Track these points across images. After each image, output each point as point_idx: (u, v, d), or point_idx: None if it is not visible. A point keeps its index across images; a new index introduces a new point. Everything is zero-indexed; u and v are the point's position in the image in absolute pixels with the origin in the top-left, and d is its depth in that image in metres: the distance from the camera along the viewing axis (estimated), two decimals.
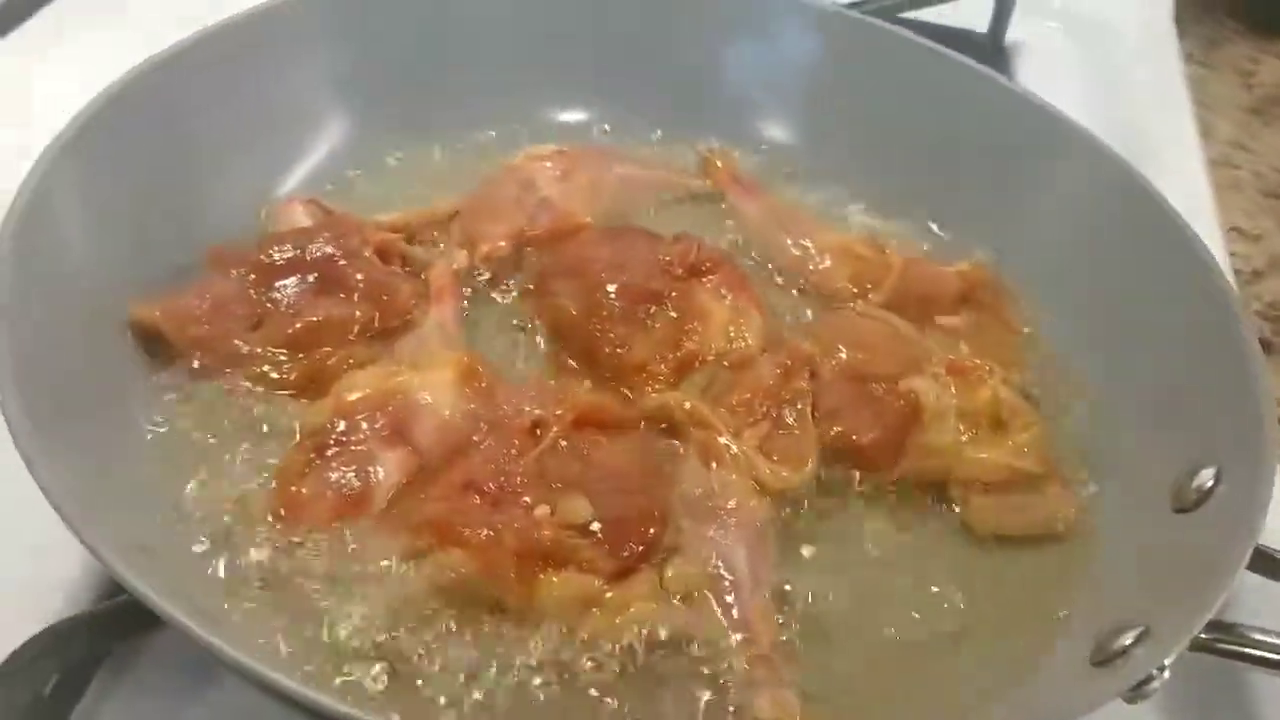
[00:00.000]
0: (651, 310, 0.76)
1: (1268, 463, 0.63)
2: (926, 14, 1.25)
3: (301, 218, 0.83)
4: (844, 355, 0.75)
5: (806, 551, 0.69)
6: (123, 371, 0.70)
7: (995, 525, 0.72)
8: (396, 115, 0.93)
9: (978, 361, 0.76)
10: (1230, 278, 1.08)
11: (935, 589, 0.69)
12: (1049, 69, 1.31)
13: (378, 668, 0.60)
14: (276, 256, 0.77)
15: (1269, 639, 0.58)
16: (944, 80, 0.92)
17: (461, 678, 0.59)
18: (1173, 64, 1.34)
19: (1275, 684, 0.72)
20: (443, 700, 0.59)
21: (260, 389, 0.72)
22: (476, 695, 0.59)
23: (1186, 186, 1.17)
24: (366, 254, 0.78)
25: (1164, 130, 1.24)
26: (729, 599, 0.63)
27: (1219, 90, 1.39)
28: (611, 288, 0.77)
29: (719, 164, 0.93)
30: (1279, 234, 1.20)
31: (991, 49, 1.31)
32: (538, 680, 0.60)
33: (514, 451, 0.67)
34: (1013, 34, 1.32)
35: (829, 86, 0.96)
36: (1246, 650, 0.58)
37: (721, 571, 0.64)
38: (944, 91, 0.91)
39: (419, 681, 0.59)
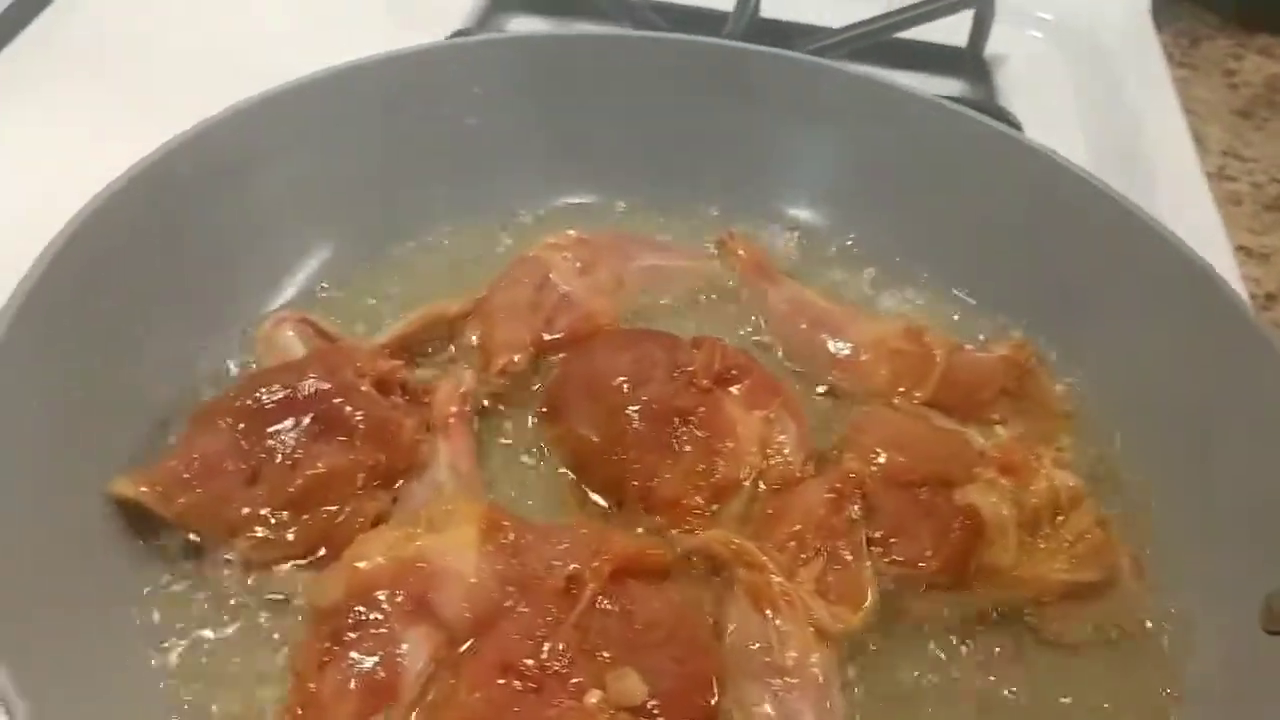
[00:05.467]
0: (679, 432, 0.70)
1: None
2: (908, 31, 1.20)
3: (293, 341, 0.75)
4: (883, 459, 0.70)
5: (867, 690, 0.65)
6: (107, 559, 0.63)
7: (1066, 633, 0.68)
8: (403, 202, 0.85)
9: (1026, 449, 0.71)
10: (1247, 304, 1.06)
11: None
12: (1032, 81, 1.27)
13: None
14: (265, 399, 0.69)
15: None
16: (976, 148, 0.86)
17: None
18: (1159, 71, 1.30)
19: None
20: None
21: (265, 560, 0.65)
22: None
23: (1189, 206, 1.14)
24: (364, 387, 0.71)
25: (1157, 143, 1.20)
26: None
27: (1204, 93, 1.35)
28: (633, 409, 0.71)
29: (740, 251, 0.86)
30: None
31: (972, 62, 1.27)
32: None
33: (550, 618, 0.61)
34: (994, 46, 1.27)
35: (855, 160, 0.90)
36: None
37: None
38: (976, 159, 0.85)
39: None
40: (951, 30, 1.24)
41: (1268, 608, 0.63)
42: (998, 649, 0.67)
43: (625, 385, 0.72)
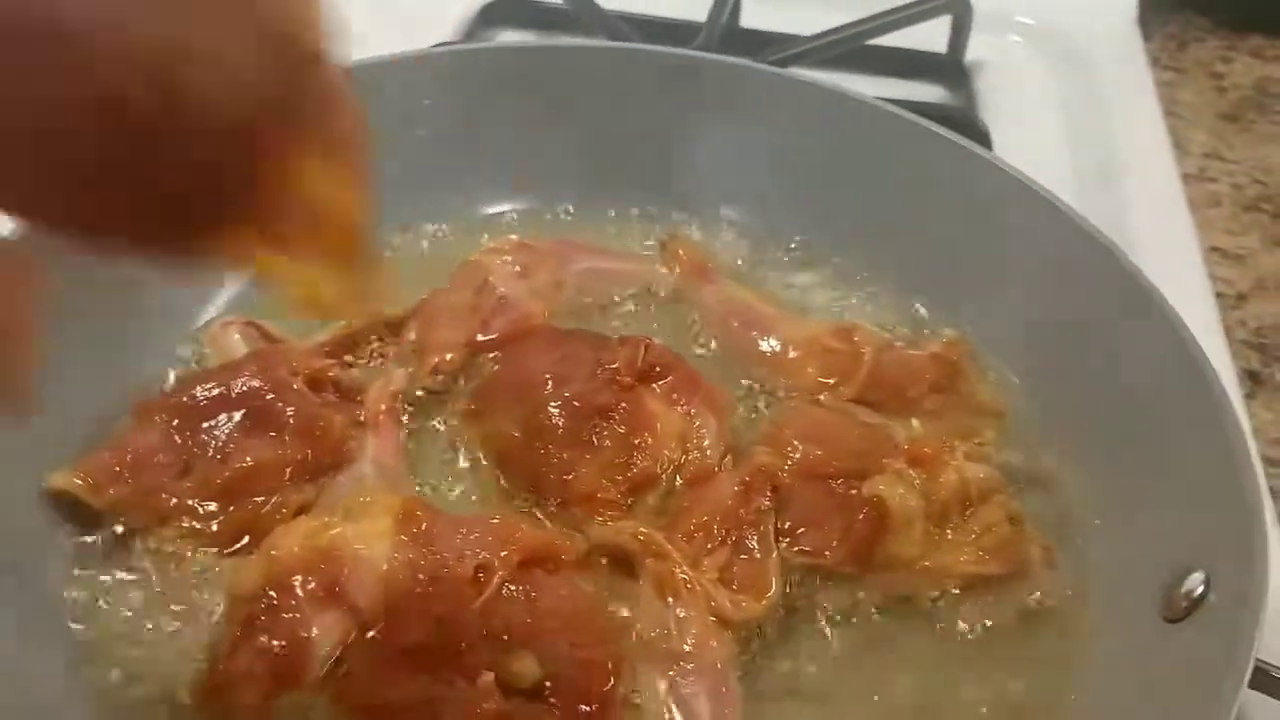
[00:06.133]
0: (598, 427, 0.72)
1: (1259, 567, 0.59)
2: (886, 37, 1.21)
3: (238, 344, 0.79)
4: (799, 453, 0.71)
5: (773, 679, 0.65)
6: (36, 547, 0.66)
7: (971, 622, 0.68)
8: None
9: (939, 441, 0.72)
10: (1212, 304, 1.05)
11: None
12: (1013, 86, 1.27)
13: None
14: (200, 396, 0.72)
15: None
16: (916, 151, 0.86)
17: None
18: (1141, 75, 1.30)
19: None
20: None
21: (191, 547, 0.68)
22: None
23: (1162, 209, 1.14)
24: (296, 386, 0.74)
25: (1135, 149, 1.20)
26: None
27: (1190, 97, 1.34)
28: (555, 405, 0.73)
29: (680, 251, 0.88)
30: (1263, 252, 1.15)
31: (952, 68, 1.27)
32: None
33: (454, 605, 0.63)
34: (975, 51, 1.28)
35: (795, 162, 0.91)
36: None
37: None
38: (916, 162, 0.86)
39: None
40: (932, 37, 1.25)
41: (1167, 598, 0.64)
42: (898, 637, 0.68)
43: (549, 383, 0.74)
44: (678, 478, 0.72)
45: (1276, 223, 1.18)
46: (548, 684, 0.60)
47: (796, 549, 0.68)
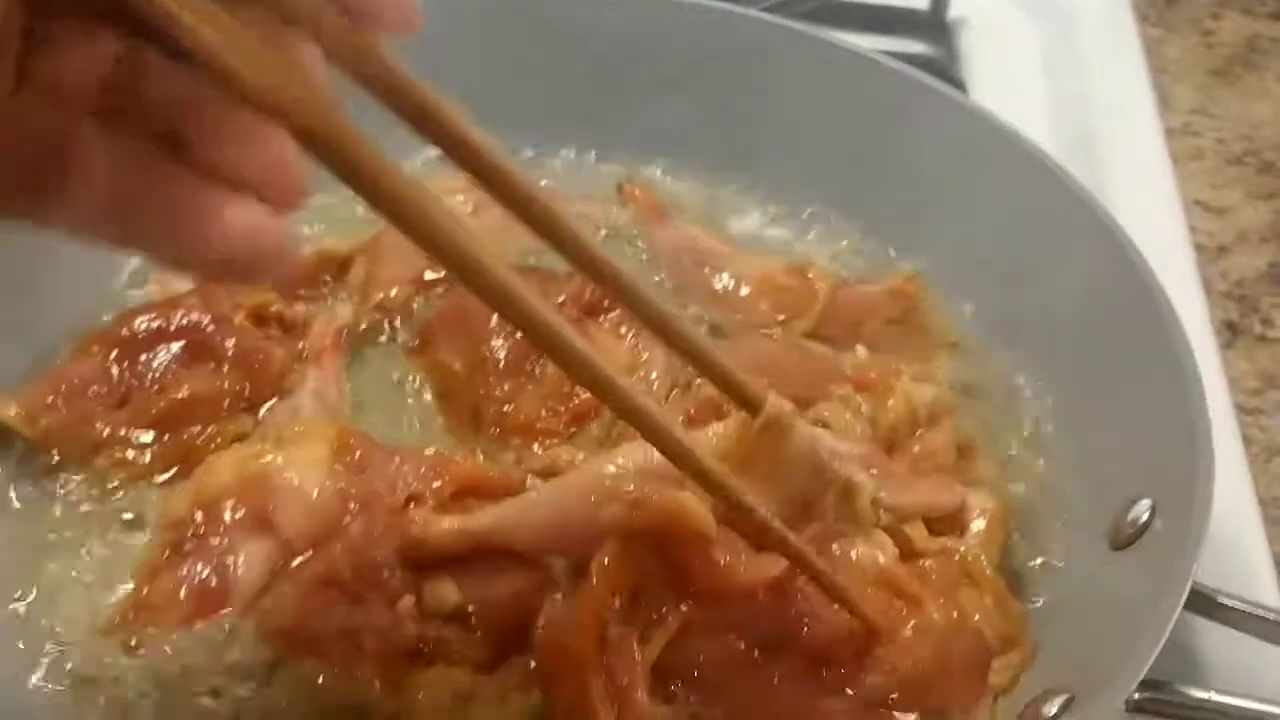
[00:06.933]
0: (541, 359, 0.71)
1: (1201, 493, 0.58)
2: None
3: (186, 281, 0.78)
4: None
5: None
6: None
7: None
8: None
9: (886, 366, 0.71)
10: (1191, 257, 1.04)
11: None
12: (996, 43, 1.25)
13: None
14: (140, 328, 0.72)
15: (1209, 697, 0.52)
16: (876, 91, 0.85)
17: None
18: (1128, 31, 1.27)
19: None
20: None
21: (123, 476, 0.67)
22: None
23: (1143, 161, 1.12)
24: (237, 319, 0.73)
25: (1119, 102, 1.18)
26: None
27: (1177, 53, 1.32)
28: (497, 339, 0.72)
29: (636, 192, 0.87)
30: (1246, 205, 1.13)
31: (934, 25, 1.25)
32: None
33: (383, 535, 0.62)
34: (958, 8, 1.26)
35: (755, 103, 0.89)
36: (1181, 711, 0.53)
37: None
38: (875, 101, 0.85)
39: None
40: None
41: (1115, 525, 0.63)
42: None
43: (492, 316, 0.73)
44: None
45: (1261, 177, 1.16)
46: (470, 609, 0.59)
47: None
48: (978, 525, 0.65)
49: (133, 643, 0.58)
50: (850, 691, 0.56)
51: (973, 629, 0.58)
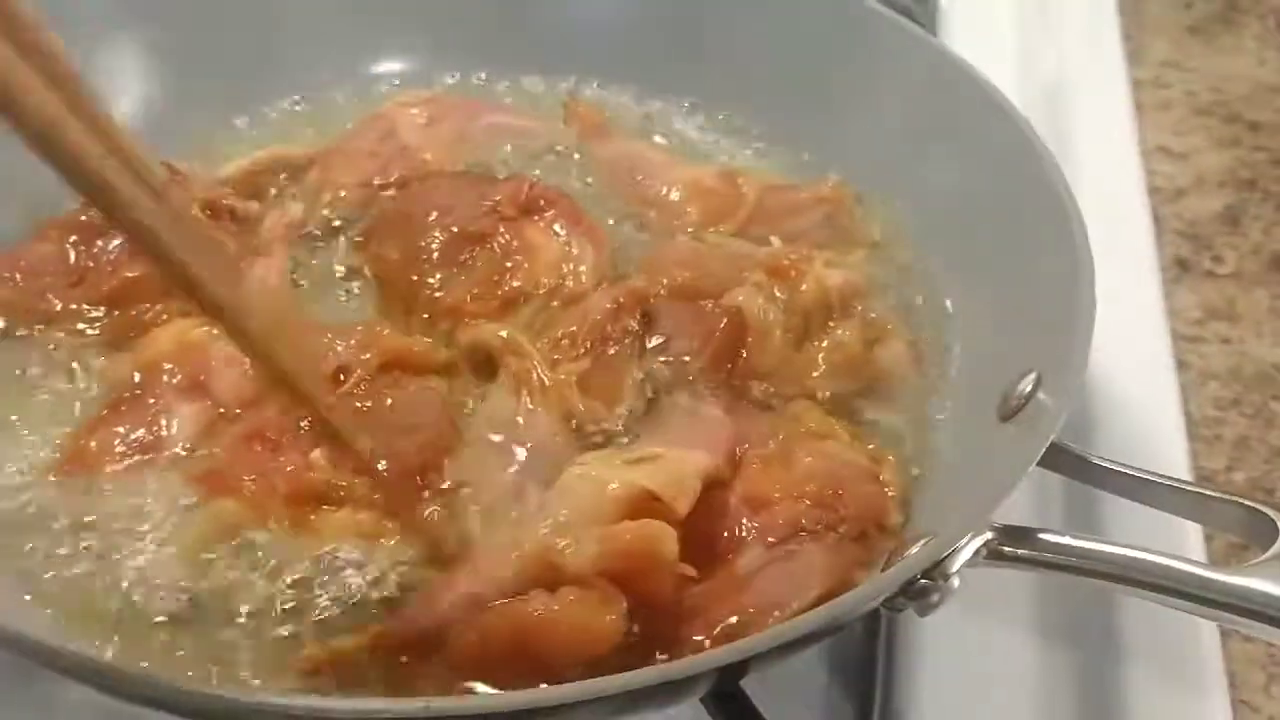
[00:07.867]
0: (474, 251, 0.74)
1: (1075, 364, 0.60)
2: None
3: None
4: (668, 278, 0.73)
5: None
6: None
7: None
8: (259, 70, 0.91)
9: (799, 253, 0.74)
10: (1145, 197, 1.06)
11: None
12: None
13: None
14: (99, 216, 0.76)
15: (1062, 540, 0.55)
16: (817, 14, 0.88)
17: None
18: None
19: (1142, 604, 0.68)
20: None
21: (72, 344, 0.71)
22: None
23: (1107, 107, 1.14)
24: (193, 211, 0.77)
25: (1089, 51, 1.20)
26: None
27: (1156, 10, 1.33)
28: (435, 232, 0.75)
29: (580, 109, 0.90)
30: (1209, 151, 1.15)
31: None
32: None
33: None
34: None
35: (698, 25, 0.92)
36: (1040, 555, 0.55)
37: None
38: (814, 23, 0.88)
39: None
40: None
41: (1004, 398, 0.65)
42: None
43: (433, 214, 0.77)
44: (553, 301, 0.74)
45: (1226, 125, 1.18)
46: (382, 464, 0.62)
47: (660, 359, 0.70)
48: None
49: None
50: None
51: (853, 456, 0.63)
